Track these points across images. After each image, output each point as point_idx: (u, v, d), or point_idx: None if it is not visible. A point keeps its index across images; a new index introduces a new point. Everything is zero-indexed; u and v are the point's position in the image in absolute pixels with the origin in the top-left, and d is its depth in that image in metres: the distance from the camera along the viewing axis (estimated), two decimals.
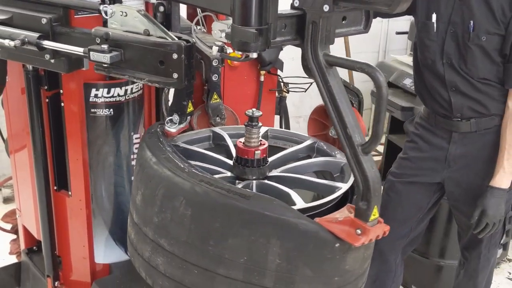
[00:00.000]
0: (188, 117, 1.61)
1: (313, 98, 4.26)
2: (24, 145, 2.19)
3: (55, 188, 2.13)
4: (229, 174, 1.49)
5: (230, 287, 1.25)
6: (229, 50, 1.62)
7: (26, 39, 1.66)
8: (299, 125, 4.21)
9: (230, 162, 1.52)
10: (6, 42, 1.67)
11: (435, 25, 1.85)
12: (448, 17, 1.82)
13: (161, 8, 1.78)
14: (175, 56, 1.48)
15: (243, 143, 1.46)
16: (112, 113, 1.96)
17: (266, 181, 1.44)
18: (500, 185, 1.84)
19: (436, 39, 1.86)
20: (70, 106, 1.95)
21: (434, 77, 1.90)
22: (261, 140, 1.47)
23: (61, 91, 1.95)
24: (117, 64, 1.53)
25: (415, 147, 2.03)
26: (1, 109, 3.27)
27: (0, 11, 1.73)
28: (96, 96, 1.92)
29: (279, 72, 2.33)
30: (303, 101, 4.24)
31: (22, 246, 2.50)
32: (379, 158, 3.68)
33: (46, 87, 1.97)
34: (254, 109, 1.42)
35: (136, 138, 2.06)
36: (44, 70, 1.95)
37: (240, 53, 1.26)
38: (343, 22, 1.28)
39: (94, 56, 1.52)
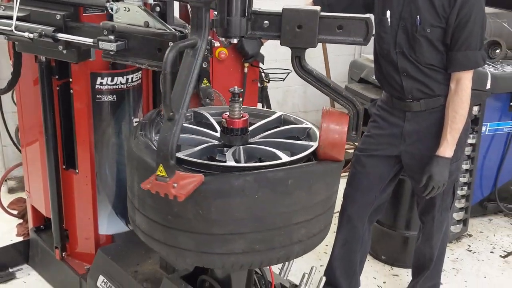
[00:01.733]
0: None
1: (295, 97, 4.60)
2: (35, 132, 2.44)
3: (64, 167, 2.39)
4: (217, 142, 1.79)
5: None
6: (217, 44, 1.93)
7: (43, 32, 1.93)
8: None
9: (215, 134, 1.80)
10: (26, 34, 1.94)
11: (389, 20, 2.16)
12: (399, 13, 2.14)
13: (157, 8, 2.06)
14: (171, 44, 1.77)
15: (228, 115, 1.76)
16: (115, 99, 2.23)
17: (251, 145, 1.73)
18: (444, 154, 2.14)
19: (390, 32, 2.17)
20: (78, 93, 2.23)
21: (389, 65, 2.21)
22: (242, 113, 1.77)
23: (71, 79, 2.23)
24: (121, 52, 1.79)
25: (376, 125, 2.34)
26: (7, 106, 3.56)
27: (20, 9, 1.99)
28: (101, 84, 2.20)
29: (260, 64, 2.65)
30: (286, 99, 4.55)
31: (31, 225, 2.76)
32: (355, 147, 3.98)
33: (57, 77, 2.25)
34: (235, 87, 1.72)
35: (135, 122, 2.34)
36: (55, 62, 2.22)
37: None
38: (339, 30, 1.46)
39: (102, 45, 1.80)
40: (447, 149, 2.14)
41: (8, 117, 3.45)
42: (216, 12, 1.52)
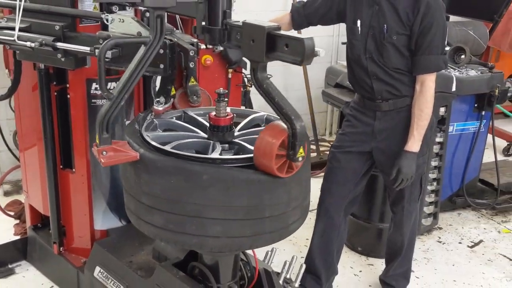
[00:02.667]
0: (172, 99, 2.07)
1: None
2: (33, 135, 2.60)
3: (61, 166, 2.55)
4: (204, 138, 1.98)
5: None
6: (202, 46, 2.13)
7: (44, 41, 2.10)
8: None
9: (201, 132, 2.00)
10: (28, 43, 2.11)
11: (359, 28, 2.38)
12: (369, 23, 2.36)
13: (147, 14, 2.18)
14: (161, 51, 1.94)
15: (215, 114, 1.95)
16: None
17: (236, 140, 1.91)
18: (411, 149, 2.36)
19: (360, 39, 2.38)
20: (75, 98, 2.40)
21: (360, 69, 2.43)
22: (228, 112, 1.96)
23: (68, 85, 2.40)
24: (116, 59, 1.93)
25: (350, 124, 2.56)
26: (2, 113, 3.71)
27: (21, 21, 2.16)
28: (96, 89, 2.36)
29: (243, 70, 2.85)
30: (268, 105, 4.75)
31: (28, 223, 2.91)
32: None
33: (54, 83, 2.41)
34: (221, 88, 1.92)
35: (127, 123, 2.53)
36: (53, 69, 2.39)
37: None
38: (286, 48, 1.53)
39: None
40: (414, 144, 2.36)
41: (3, 124, 3.61)
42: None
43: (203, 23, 1.79)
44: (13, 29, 2.15)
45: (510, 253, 3.29)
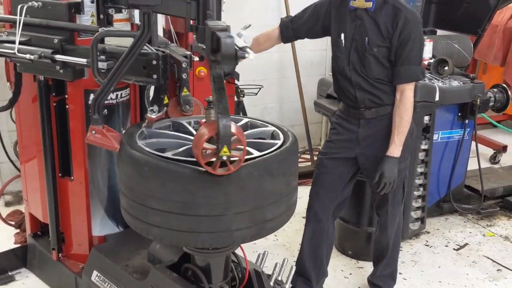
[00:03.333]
0: (165, 108, 2.19)
1: (271, 113, 4.95)
2: (33, 144, 2.71)
3: (60, 175, 2.66)
4: None
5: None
6: (196, 58, 2.26)
7: (43, 54, 2.21)
8: None
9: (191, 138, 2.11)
10: (28, 56, 2.22)
11: (343, 41, 2.52)
12: (352, 36, 2.49)
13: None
14: (154, 62, 2.07)
15: (205, 121, 2.08)
16: (106, 112, 2.48)
17: None
18: (393, 154, 2.48)
19: (344, 51, 2.52)
20: (74, 108, 2.51)
21: (345, 79, 2.56)
22: None
23: (66, 96, 2.50)
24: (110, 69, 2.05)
25: (336, 132, 2.68)
26: (3, 125, 3.83)
27: (22, 34, 2.27)
28: None
29: (236, 81, 2.97)
30: (263, 115, 4.87)
31: (28, 231, 3.01)
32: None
33: (54, 94, 2.52)
34: (210, 96, 2.04)
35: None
36: (52, 80, 2.49)
37: None
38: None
39: None
40: (395, 150, 2.49)
41: (4, 135, 3.71)
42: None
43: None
44: (13, 42, 2.26)
45: (493, 255, 3.40)
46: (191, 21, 1.84)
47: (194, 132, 2.13)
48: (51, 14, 2.28)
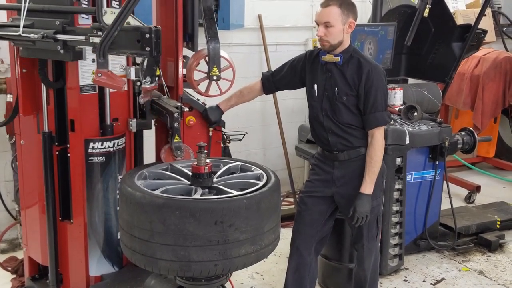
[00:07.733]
0: (157, 78, 2.29)
1: (255, 159, 5.17)
2: (35, 191, 2.90)
3: (60, 218, 2.85)
4: (188, 184, 2.34)
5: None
6: (186, 109, 2.53)
7: (45, 34, 2.31)
8: None
9: (185, 180, 2.37)
10: (32, 35, 2.32)
11: (316, 91, 2.82)
12: (324, 86, 2.79)
13: None
14: (147, 35, 2.15)
15: (196, 164, 2.33)
16: (104, 159, 2.73)
17: (215, 185, 2.30)
18: (365, 191, 2.74)
19: (318, 100, 2.82)
20: (74, 156, 2.73)
21: (319, 125, 2.85)
22: (207, 162, 2.34)
23: (68, 145, 2.74)
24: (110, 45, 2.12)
25: (314, 172, 2.94)
26: (2, 175, 4.02)
27: (26, 19, 2.37)
28: (93, 148, 2.70)
29: (222, 128, 3.23)
30: (248, 159, 5.11)
31: (27, 274, 3.15)
32: None
33: (56, 143, 2.74)
34: (201, 142, 2.30)
35: (120, 178, 2.85)
36: (56, 131, 2.71)
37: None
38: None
39: (93, 39, 2.19)
40: (367, 187, 2.75)
41: (1, 186, 3.92)
42: None
43: None
44: (18, 26, 2.36)
45: None
46: None
47: (187, 171, 2.38)
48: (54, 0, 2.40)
